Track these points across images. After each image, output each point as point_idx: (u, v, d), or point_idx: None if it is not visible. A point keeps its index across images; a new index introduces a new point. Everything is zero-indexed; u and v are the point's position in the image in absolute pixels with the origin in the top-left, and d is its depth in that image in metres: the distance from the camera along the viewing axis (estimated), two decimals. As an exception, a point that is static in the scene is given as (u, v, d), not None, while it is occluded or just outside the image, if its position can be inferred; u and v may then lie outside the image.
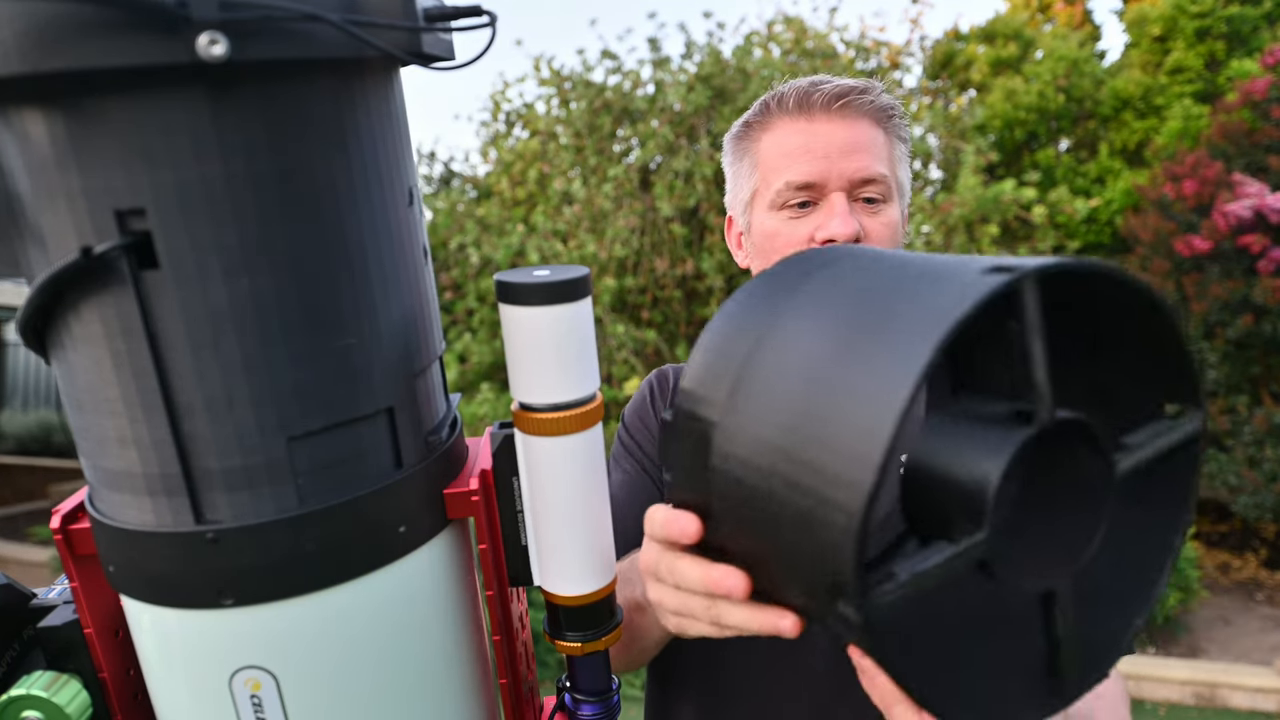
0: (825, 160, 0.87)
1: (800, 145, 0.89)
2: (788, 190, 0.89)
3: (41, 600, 0.50)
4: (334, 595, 0.41)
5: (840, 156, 0.87)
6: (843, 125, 0.88)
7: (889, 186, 0.89)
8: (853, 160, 0.87)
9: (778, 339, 0.40)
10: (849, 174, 0.87)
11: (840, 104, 0.88)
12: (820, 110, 0.89)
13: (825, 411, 0.35)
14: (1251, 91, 6.73)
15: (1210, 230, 6.42)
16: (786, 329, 0.40)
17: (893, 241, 0.90)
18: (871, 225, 0.88)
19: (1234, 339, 6.63)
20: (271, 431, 0.38)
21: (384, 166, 0.40)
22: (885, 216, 0.89)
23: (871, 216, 0.89)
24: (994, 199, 5.95)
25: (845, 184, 0.88)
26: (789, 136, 0.90)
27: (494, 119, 7.63)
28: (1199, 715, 4.79)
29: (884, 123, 0.91)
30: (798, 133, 0.90)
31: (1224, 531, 7.82)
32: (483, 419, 5.35)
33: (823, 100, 0.89)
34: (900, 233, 0.93)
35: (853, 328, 0.37)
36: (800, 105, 0.90)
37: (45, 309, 0.37)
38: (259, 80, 0.34)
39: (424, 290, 0.45)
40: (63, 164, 0.34)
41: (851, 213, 0.87)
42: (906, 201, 0.96)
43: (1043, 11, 10.19)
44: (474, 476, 0.47)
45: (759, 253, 0.96)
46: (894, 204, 0.90)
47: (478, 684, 0.51)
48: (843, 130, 0.88)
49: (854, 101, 0.88)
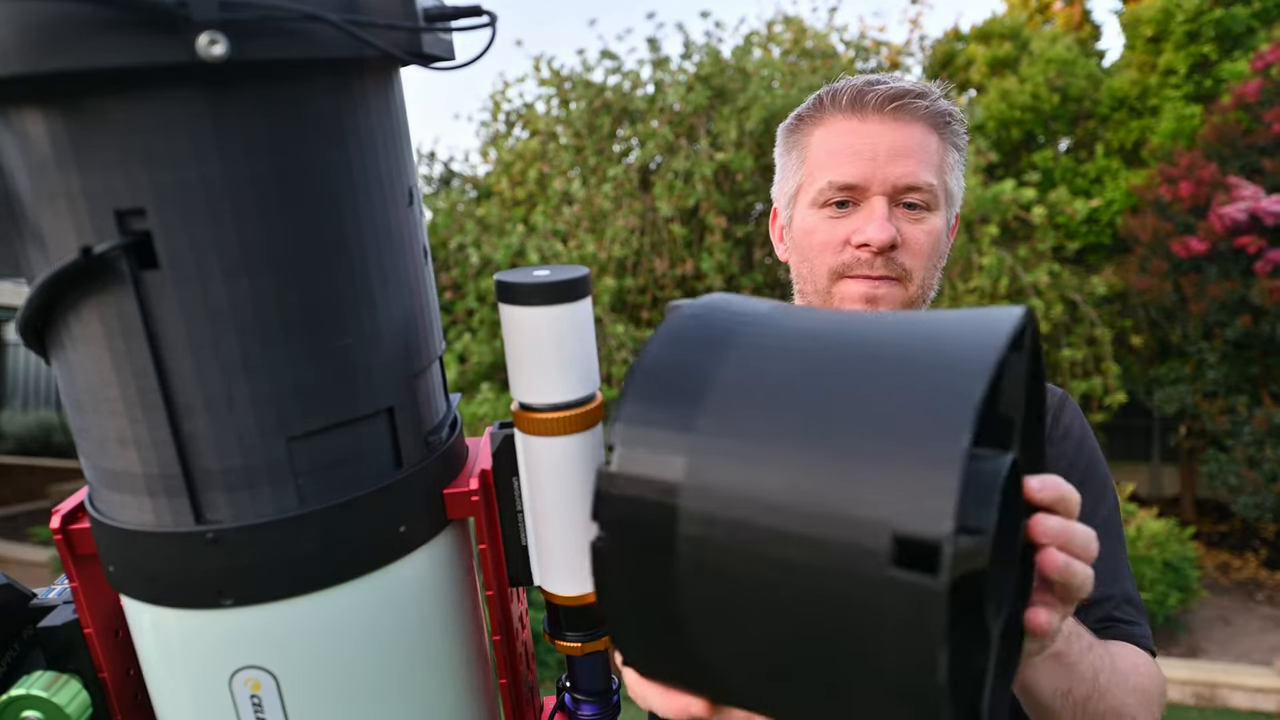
0: (871, 163, 0.86)
1: (848, 145, 0.88)
2: (830, 189, 0.88)
3: (41, 600, 0.50)
4: (334, 595, 0.41)
5: (887, 160, 0.86)
6: (894, 128, 0.87)
7: (934, 195, 0.88)
8: (898, 165, 0.86)
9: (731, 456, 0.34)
10: (893, 179, 0.86)
11: (894, 106, 0.87)
12: (873, 111, 0.87)
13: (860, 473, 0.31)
14: (1244, 94, 6.73)
15: (1206, 232, 6.42)
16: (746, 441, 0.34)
17: (933, 250, 0.89)
18: (911, 233, 0.87)
19: (1233, 339, 6.63)
20: (271, 432, 0.38)
21: (384, 166, 0.40)
22: (927, 225, 0.88)
23: (913, 224, 0.88)
24: (993, 199, 5.95)
25: (888, 188, 0.86)
26: (839, 135, 0.89)
27: (494, 119, 7.63)
28: (1199, 715, 4.79)
29: (940, 129, 0.89)
30: (848, 132, 0.88)
31: (1224, 531, 7.82)
32: (483, 419, 5.35)
33: (876, 101, 0.87)
34: (943, 242, 0.91)
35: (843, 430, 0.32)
36: (854, 104, 0.88)
37: (45, 309, 0.37)
38: (259, 80, 0.34)
39: (424, 290, 0.45)
40: (63, 164, 0.34)
41: (891, 218, 0.86)
42: (955, 210, 0.94)
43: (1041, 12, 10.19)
44: (474, 476, 0.47)
45: (797, 249, 0.95)
46: (938, 213, 0.89)
47: (478, 684, 0.51)
48: (893, 133, 0.87)
49: (908, 105, 0.87)
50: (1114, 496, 0.90)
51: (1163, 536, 5.64)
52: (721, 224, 6.07)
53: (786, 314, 0.39)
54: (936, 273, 0.92)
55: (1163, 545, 5.61)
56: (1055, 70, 8.16)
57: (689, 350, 0.37)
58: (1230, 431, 6.67)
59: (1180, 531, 5.91)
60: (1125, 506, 5.94)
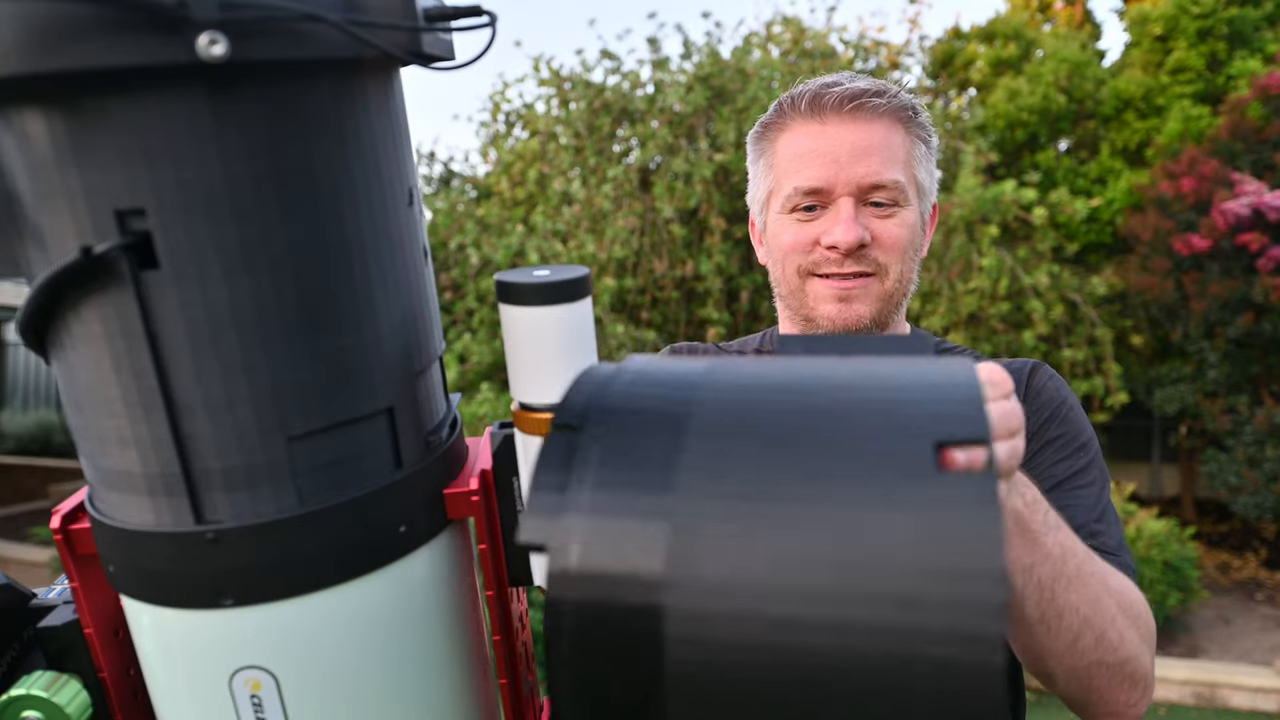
0: (834, 164, 0.87)
1: (811, 148, 0.88)
2: (796, 195, 0.89)
3: (41, 600, 0.50)
4: (334, 595, 0.41)
5: (850, 160, 0.86)
6: (855, 128, 0.87)
7: (901, 191, 0.88)
8: (862, 165, 0.86)
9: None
10: (857, 179, 0.86)
11: (853, 105, 0.87)
12: (832, 112, 0.88)
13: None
14: (1267, 86, 6.70)
15: (1209, 228, 6.42)
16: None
17: (908, 244, 0.89)
18: (882, 229, 0.88)
19: (1234, 338, 6.63)
20: (271, 431, 0.38)
21: (384, 166, 0.40)
22: (897, 219, 0.88)
23: (883, 220, 0.88)
24: (994, 199, 5.95)
25: (853, 189, 0.87)
26: (801, 139, 0.90)
27: (494, 119, 7.63)
28: (1199, 715, 4.79)
29: (905, 123, 0.90)
30: (810, 135, 0.89)
31: (1224, 531, 7.82)
32: (483, 419, 5.35)
33: (834, 101, 0.88)
34: (917, 235, 0.91)
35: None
36: (813, 107, 0.89)
37: (45, 309, 0.37)
38: (259, 80, 0.34)
39: (424, 290, 0.45)
40: (63, 164, 0.34)
41: (858, 218, 0.87)
42: (930, 202, 0.95)
43: (1042, 11, 10.18)
44: (474, 476, 0.47)
45: (770, 253, 0.96)
46: (909, 208, 0.89)
47: (478, 684, 0.51)
48: (855, 133, 0.87)
49: (867, 103, 0.87)
50: (1096, 453, 0.87)
51: (1163, 536, 5.64)
52: (721, 225, 6.07)
53: (727, 367, 0.33)
54: (914, 265, 0.93)
55: (1163, 545, 5.60)
56: (1066, 71, 8.16)
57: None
58: (1231, 431, 6.67)
59: (1180, 531, 5.91)
60: (1125, 507, 5.93)
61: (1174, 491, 8.68)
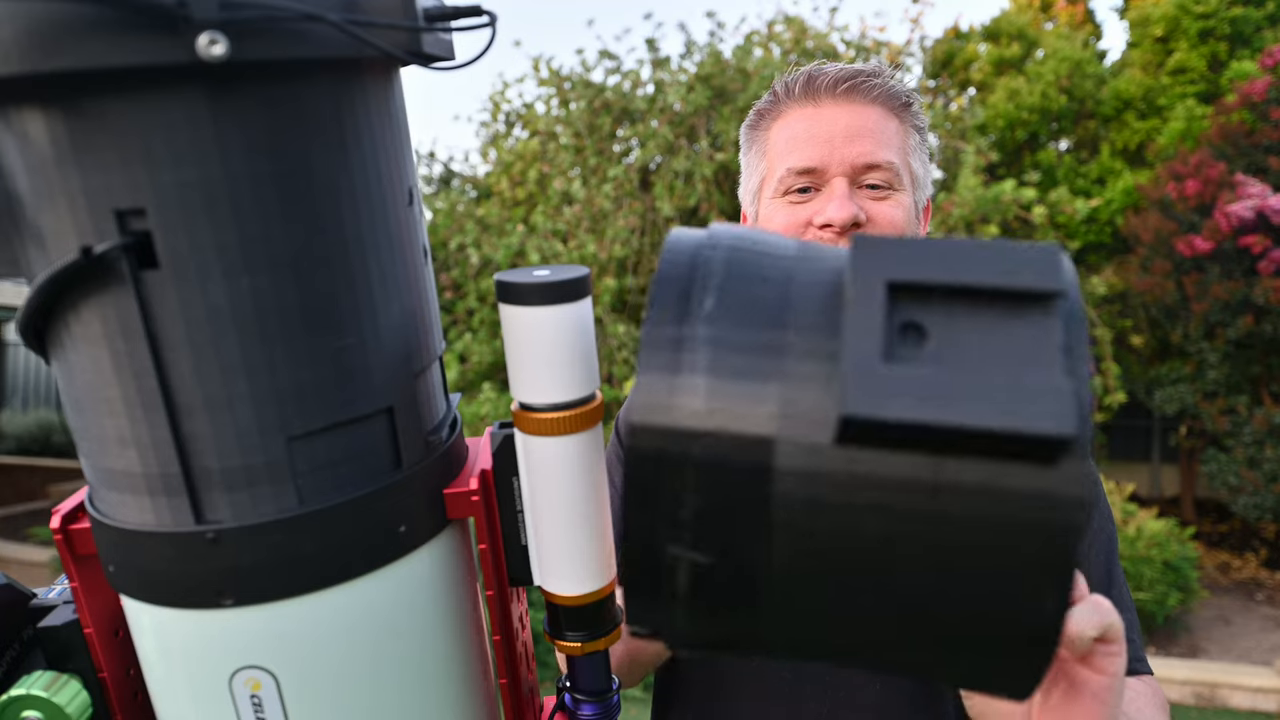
0: (828, 145, 0.86)
1: (804, 131, 0.87)
2: (789, 176, 0.88)
3: (41, 600, 0.50)
4: (334, 595, 0.41)
5: (843, 141, 0.85)
6: (849, 109, 0.87)
7: (896, 173, 0.86)
8: (856, 145, 0.85)
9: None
10: (851, 159, 0.85)
11: (846, 86, 0.87)
12: (826, 94, 0.87)
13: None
14: (1250, 93, 6.73)
15: (1212, 230, 6.42)
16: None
17: (904, 227, 0.87)
18: (877, 210, 0.86)
19: (1234, 339, 6.63)
20: (271, 431, 0.38)
21: (384, 166, 0.40)
22: (892, 201, 0.86)
23: (878, 202, 0.86)
24: (994, 199, 5.95)
25: (847, 169, 0.86)
26: (795, 123, 0.89)
27: (494, 119, 7.63)
28: (1199, 715, 4.78)
29: (899, 112, 0.89)
30: (804, 119, 0.88)
31: (1224, 531, 7.82)
32: (483, 419, 5.35)
33: (827, 83, 0.87)
34: (912, 222, 0.89)
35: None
36: (806, 90, 0.89)
37: (45, 309, 0.37)
38: (259, 80, 0.34)
39: (424, 290, 0.45)
40: (63, 164, 0.34)
41: (852, 198, 0.85)
42: (925, 194, 0.93)
43: (1044, 10, 10.18)
44: (474, 476, 0.47)
45: None
46: (904, 193, 0.88)
47: (478, 684, 0.51)
48: (849, 115, 0.86)
49: (861, 85, 0.87)
50: (1110, 525, 0.88)
51: (1163, 536, 5.64)
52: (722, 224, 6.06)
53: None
54: None
55: (1163, 545, 5.60)
56: (1067, 70, 8.15)
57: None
58: (1230, 431, 6.67)
59: (1180, 531, 5.91)
60: (1125, 506, 5.93)
61: (1174, 492, 8.68)
